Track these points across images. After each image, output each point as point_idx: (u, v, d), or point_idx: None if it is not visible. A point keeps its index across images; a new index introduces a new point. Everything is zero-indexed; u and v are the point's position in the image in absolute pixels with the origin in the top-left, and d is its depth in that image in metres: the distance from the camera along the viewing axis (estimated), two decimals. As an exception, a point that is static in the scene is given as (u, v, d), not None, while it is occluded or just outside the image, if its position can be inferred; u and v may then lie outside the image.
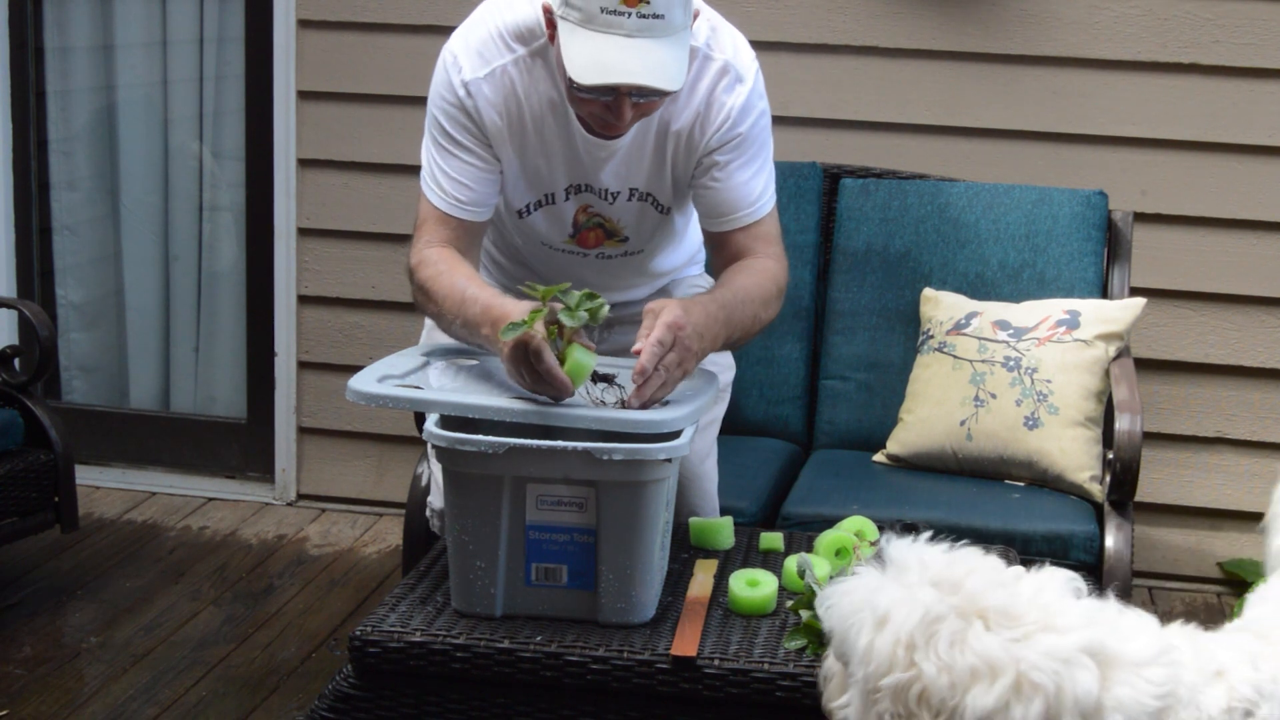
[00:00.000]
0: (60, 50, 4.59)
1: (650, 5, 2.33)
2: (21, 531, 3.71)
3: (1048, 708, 1.61)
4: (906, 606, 1.67)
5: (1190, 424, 4.06)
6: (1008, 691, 1.61)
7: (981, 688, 1.61)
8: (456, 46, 2.61)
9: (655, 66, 2.36)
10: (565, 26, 2.38)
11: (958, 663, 1.63)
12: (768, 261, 2.65)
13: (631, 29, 2.34)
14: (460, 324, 2.50)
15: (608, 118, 2.47)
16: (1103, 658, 1.65)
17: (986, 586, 1.69)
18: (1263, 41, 3.87)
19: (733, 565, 2.56)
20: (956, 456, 3.37)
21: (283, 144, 4.34)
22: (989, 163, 4.00)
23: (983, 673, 1.62)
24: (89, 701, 3.30)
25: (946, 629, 1.65)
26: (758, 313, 2.58)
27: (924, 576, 1.70)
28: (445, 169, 2.62)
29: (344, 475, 4.50)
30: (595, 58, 2.35)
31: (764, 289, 2.61)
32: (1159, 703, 1.64)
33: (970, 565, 1.73)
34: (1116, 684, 1.64)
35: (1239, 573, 4.01)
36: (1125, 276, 3.64)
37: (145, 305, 4.73)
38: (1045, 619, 1.66)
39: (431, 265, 2.57)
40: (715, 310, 2.47)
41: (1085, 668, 1.63)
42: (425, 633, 2.31)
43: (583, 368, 2.29)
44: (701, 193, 2.67)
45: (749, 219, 2.66)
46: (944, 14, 3.98)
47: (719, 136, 2.61)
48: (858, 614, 1.70)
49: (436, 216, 2.63)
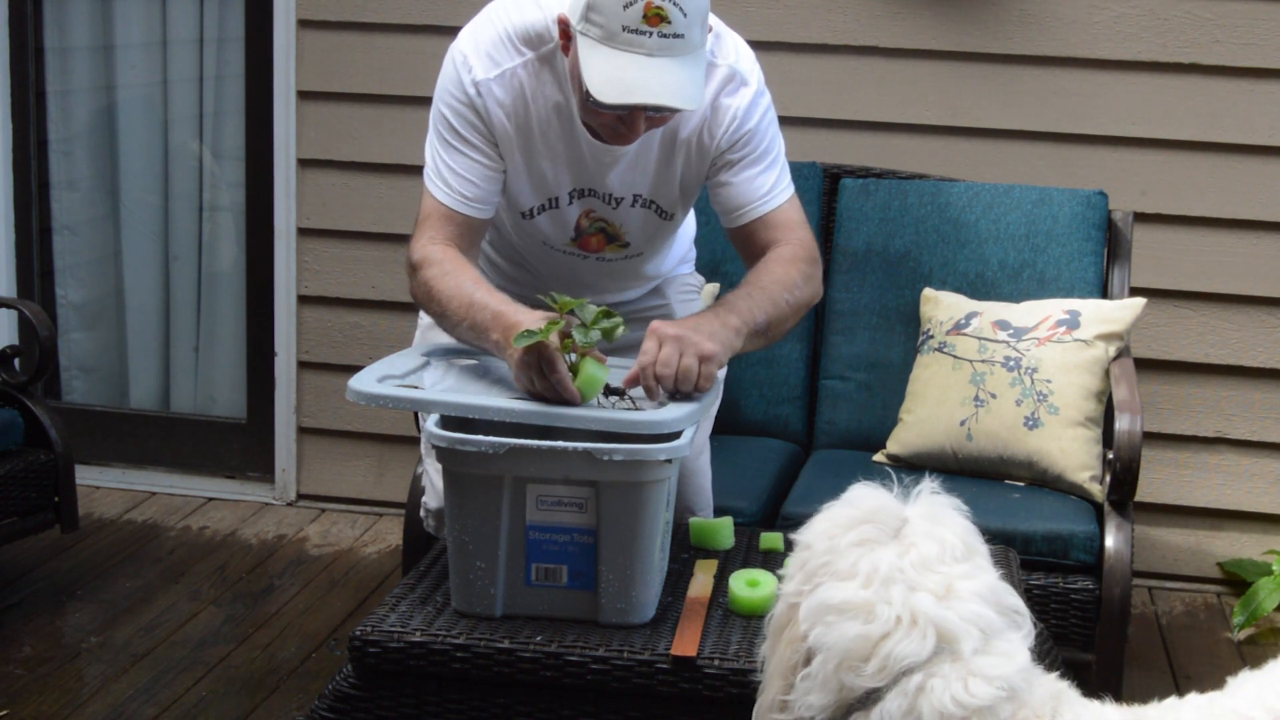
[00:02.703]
0: (60, 50, 4.60)
1: (671, 25, 2.35)
2: (21, 531, 3.71)
3: (868, 638, 1.63)
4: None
5: (1190, 424, 4.06)
6: (860, 606, 1.64)
7: (846, 587, 1.66)
8: (465, 46, 2.61)
9: (675, 86, 2.38)
10: (585, 42, 2.39)
11: (850, 555, 1.69)
12: (784, 248, 2.65)
13: (652, 48, 2.35)
14: (467, 327, 2.49)
15: (620, 129, 2.50)
16: (950, 648, 1.63)
17: (930, 538, 1.70)
18: (1263, 41, 3.88)
19: (733, 565, 2.56)
20: (956, 456, 3.37)
21: (283, 144, 4.34)
22: (989, 163, 4.00)
23: (859, 575, 1.67)
24: (89, 701, 3.30)
25: (869, 530, 1.71)
26: (777, 295, 2.57)
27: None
28: (451, 165, 2.62)
29: (344, 475, 4.50)
30: (616, 75, 2.36)
31: (780, 273, 2.60)
32: (963, 712, 1.61)
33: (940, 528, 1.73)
34: (938, 675, 1.62)
35: (1239, 573, 4.01)
36: (1125, 276, 3.64)
37: (145, 305, 4.73)
38: (943, 590, 1.67)
39: (436, 264, 2.56)
40: (717, 309, 2.49)
41: (924, 638, 1.62)
42: (425, 633, 2.31)
43: (595, 382, 2.30)
44: (717, 191, 2.70)
45: (763, 209, 2.67)
46: (944, 14, 3.98)
47: (728, 137, 2.63)
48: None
49: (441, 213, 2.63)
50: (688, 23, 2.37)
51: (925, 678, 1.61)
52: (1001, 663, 1.63)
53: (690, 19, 2.37)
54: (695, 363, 2.34)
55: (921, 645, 1.62)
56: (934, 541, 1.69)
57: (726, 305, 2.52)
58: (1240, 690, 1.72)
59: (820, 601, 1.67)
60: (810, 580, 1.70)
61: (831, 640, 1.65)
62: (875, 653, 1.63)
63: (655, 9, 2.34)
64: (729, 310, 2.49)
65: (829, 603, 1.66)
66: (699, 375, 2.35)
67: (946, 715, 1.60)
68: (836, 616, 1.65)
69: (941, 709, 1.60)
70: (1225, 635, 3.86)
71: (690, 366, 2.34)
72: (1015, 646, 1.66)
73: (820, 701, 1.66)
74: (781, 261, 2.63)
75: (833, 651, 1.65)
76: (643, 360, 2.35)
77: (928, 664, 1.62)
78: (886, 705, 1.62)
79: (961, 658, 1.62)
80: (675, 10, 2.35)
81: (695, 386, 2.35)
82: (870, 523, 1.72)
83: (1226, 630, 3.88)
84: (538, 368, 2.29)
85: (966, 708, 1.60)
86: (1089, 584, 3.10)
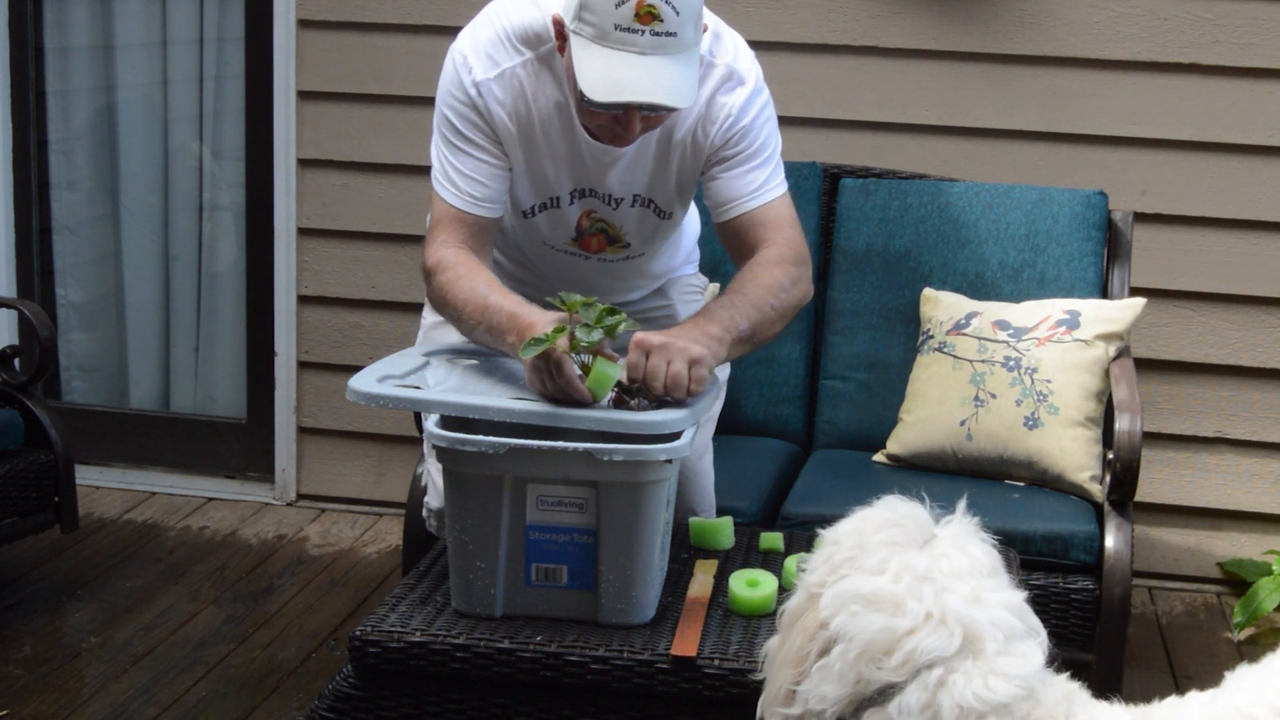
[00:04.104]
0: (60, 50, 4.59)
1: (664, 23, 2.35)
2: (21, 531, 3.71)
3: (894, 631, 1.65)
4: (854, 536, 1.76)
5: (1190, 424, 4.06)
6: (890, 599, 1.66)
7: (877, 580, 1.68)
8: (465, 47, 2.62)
9: (668, 85, 2.38)
10: (578, 41, 2.39)
11: (880, 553, 1.71)
12: (769, 250, 2.64)
13: (645, 46, 2.36)
14: (484, 330, 2.49)
15: (616, 129, 2.50)
16: (973, 647, 1.65)
17: (961, 552, 1.73)
18: (1263, 41, 3.88)
19: (733, 565, 2.56)
20: (956, 456, 3.37)
21: (283, 144, 4.34)
22: (989, 163, 4.00)
23: (889, 571, 1.69)
24: (89, 701, 3.30)
25: (900, 533, 1.74)
26: (760, 300, 2.55)
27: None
28: (458, 166, 2.63)
29: (344, 475, 4.50)
30: (609, 75, 2.37)
31: (764, 278, 2.59)
32: (984, 707, 1.63)
33: (964, 557, 1.74)
34: (960, 671, 1.64)
35: (1239, 573, 4.01)
36: (1125, 276, 3.64)
37: (145, 305, 4.73)
38: (973, 597, 1.69)
39: (450, 269, 2.57)
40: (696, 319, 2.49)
41: (951, 635, 1.64)
42: (425, 633, 2.31)
43: (606, 380, 2.30)
44: (708, 186, 2.70)
45: (750, 204, 2.66)
46: (944, 14, 3.98)
47: (721, 134, 2.64)
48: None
49: (452, 216, 2.63)
50: (680, 21, 2.36)
51: (946, 673, 1.63)
52: (1020, 663, 1.65)
53: (683, 17, 2.37)
54: (684, 367, 2.33)
55: (949, 642, 1.64)
56: (965, 555, 1.73)
57: (706, 314, 2.51)
58: (1241, 687, 1.72)
59: (848, 590, 1.69)
60: (835, 573, 1.72)
61: (855, 630, 1.66)
62: (899, 646, 1.64)
63: (647, 7, 2.34)
64: (709, 319, 2.48)
65: (859, 592, 1.68)
66: (690, 379, 2.34)
67: (966, 710, 1.62)
68: (863, 607, 1.67)
69: (963, 703, 1.61)
70: (1225, 635, 3.86)
71: (680, 372, 2.33)
72: (1032, 650, 1.69)
73: (835, 693, 1.67)
74: (767, 265, 2.61)
75: (855, 642, 1.66)
76: (631, 374, 2.35)
77: (950, 660, 1.64)
78: (905, 698, 1.63)
79: (983, 656, 1.64)
80: (668, 8, 2.35)
81: (687, 391, 2.34)
82: (900, 527, 1.74)
83: (1226, 630, 3.88)
84: (548, 371, 2.30)
85: (987, 704, 1.62)
86: (1089, 584, 3.10)
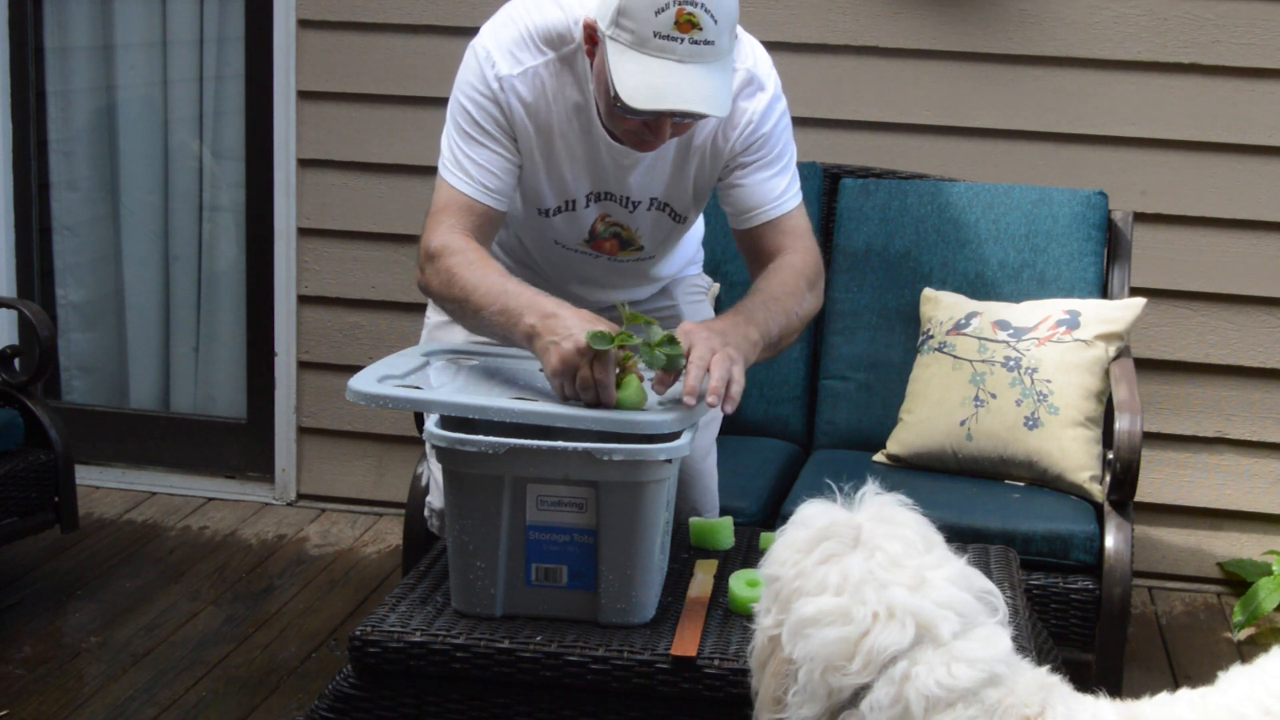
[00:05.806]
0: (60, 50, 4.60)
1: (703, 32, 2.35)
2: (21, 531, 3.71)
3: (849, 639, 1.65)
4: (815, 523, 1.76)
5: (1190, 424, 4.06)
6: (835, 611, 1.66)
7: (819, 599, 1.68)
8: (488, 42, 2.61)
9: (706, 93, 2.38)
10: (614, 47, 2.39)
11: (817, 574, 1.71)
12: (792, 256, 2.66)
13: (683, 54, 2.36)
14: (496, 311, 2.44)
15: (645, 135, 2.49)
16: (929, 634, 1.65)
17: (891, 538, 1.73)
18: (1263, 41, 3.88)
19: (733, 565, 2.56)
20: (956, 456, 3.37)
21: (283, 144, 4.34)
22: (989, 163, 4.00)
23: (830, 587, 1.69)
24: (89, 701, 3.30)
25: (831, 545, 1.73)
26: (790, 308, 2.58)
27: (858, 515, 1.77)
28: (472, 156, 2.61)
29: (344, 475, 4.50)
30: (647, 81, 2.36)
31: (791, 284, 2.61)
32: (949, 695, 1.63)
33: (898, 525, 1.75)
34: (921, 661, 1.64)
35: (1239, 573, 4.01)
36: (1125, 276, 3.64)
37: (145, 305, 4.73)
38: (916, 582, 1.69)
39: (459, 253, 2.53)
40: (738, 319, 2.49)
41: (903, 627, 1.65)
42: (425, 633, 2.31)
43: (635, 403, 2.31)
44: (728, 193, 2.70)
45: (773, 213, 2.68)
46: (944, 14, 3.98)
47: (742, 140, 2.64)
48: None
49: (460, 203, 2.60)
50: (718, 30, 2.37)
51: (909, 665, 1.64)
52: (982, 647, 1.65)
53: (721, 26, 2.37)
54: (740, 374, 2.35)
55: (902, 634, 1.64)
56: (896, 540, 1.73)
57: (746, 316, 2.50)
58: (1233, 687, 1.72)
59: (798, 621, 1.70)
60: (786, 608, 1.73)
61: (814, 649, 1.67)
62: (858, 650, 1.65)
63: (687, 15, 2.34)
64: (749, 322, 2.48)
65: (808, 617, 1.69)
66: (737, 385, 2.35)
67: (932, 699, 1.62)
68: (814, 627, 1.68)
69: (927, 692, 1.62)
70: (1225, 635, 3.86)
71: (737, 394, 2.33)
72: (996, 634, 1.68)
73: (813, 712, 1.68)
74: (792, 271, 2.63)
75: (817, 660, 1.67)
76: (696, 373, 2.32)
77: (910, 652, 1.64)
78: (875, 695, 1.64)
79: (942, 643, 1.64)
80: (706, 17, 2.35)
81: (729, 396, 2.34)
82: (828, 538, 1.74)
83: (1226, 630, 3.88)
84: (589, 364, 2.28)
85: (951, 691, 1.62)
86: (1089, 584, 3.10)
